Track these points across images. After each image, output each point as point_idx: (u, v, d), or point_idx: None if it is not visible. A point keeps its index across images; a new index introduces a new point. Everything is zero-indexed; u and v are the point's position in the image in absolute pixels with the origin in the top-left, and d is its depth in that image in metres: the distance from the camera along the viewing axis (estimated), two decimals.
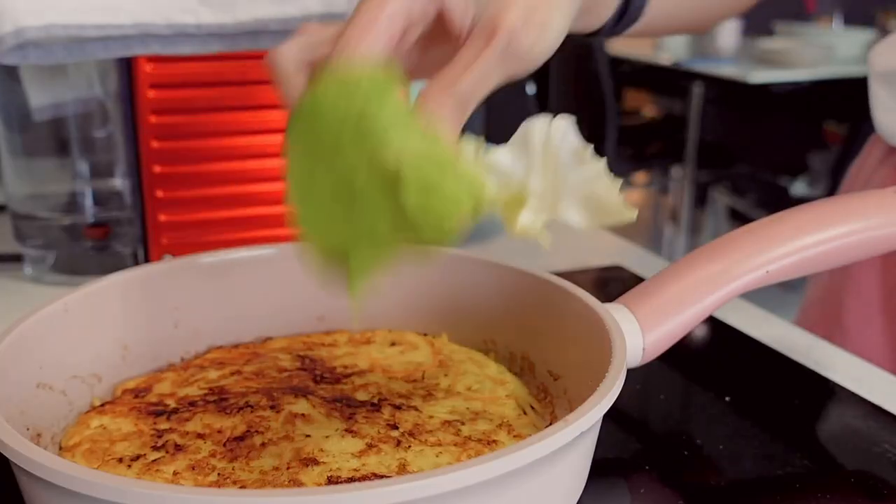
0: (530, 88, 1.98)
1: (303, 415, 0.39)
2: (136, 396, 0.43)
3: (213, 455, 0.37)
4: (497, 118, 0.87)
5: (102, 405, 0.42)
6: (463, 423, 0.40)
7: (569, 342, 0.42)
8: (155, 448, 0.38)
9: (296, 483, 0.34)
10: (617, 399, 0.33)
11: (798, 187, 2.70)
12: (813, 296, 0.77)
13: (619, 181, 0.36)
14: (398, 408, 0.41)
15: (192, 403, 0.41)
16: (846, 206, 0.46)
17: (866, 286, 0.69)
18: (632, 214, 0.36)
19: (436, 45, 0.39)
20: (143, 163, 0.61)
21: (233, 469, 0.36)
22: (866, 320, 0.69)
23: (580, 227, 0.36)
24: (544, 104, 1.99)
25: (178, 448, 0.38)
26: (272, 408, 0.40)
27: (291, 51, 0.37)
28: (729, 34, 2.84)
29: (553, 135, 0.36)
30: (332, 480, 0.34)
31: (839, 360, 0.57)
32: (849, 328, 0.70)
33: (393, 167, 0.32)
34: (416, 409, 0.41)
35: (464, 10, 0.37)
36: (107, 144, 0.66)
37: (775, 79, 2.66)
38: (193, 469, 0.36)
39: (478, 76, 0.35)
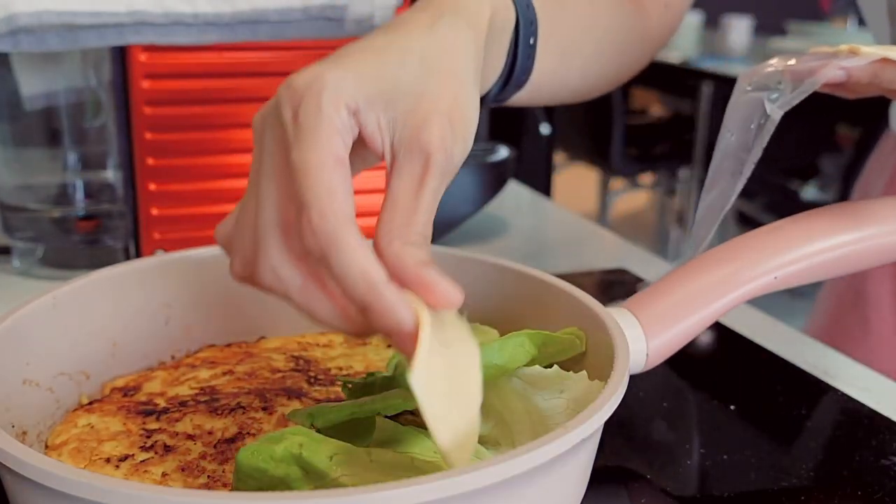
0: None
1: None
2: (125, 395, 0.42)
3: (203, 457, 0.37)
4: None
5: (90, 403, 0.42)
6: None
7: None
8: (144, 448, 0.37)
9: None
10: (619, 406, 0.33)
11: (809, 191, 2.69)
12: (832, 291, 0.76)
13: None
14: None
15: (183, 403, 0.41)
16: (858, 212, 0.46)
17: (881, 288, 0.69)
18: None
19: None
20: (135, 155, 0.61)
21: (223, 471, 0.36)
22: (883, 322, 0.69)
23: None
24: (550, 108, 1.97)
25: (168, 449, 0.37)
26: (265, 409, 0.40)
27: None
28: (740, 33, 2.83)
29: None
30: None
31: (847, 369, 0.56)
32: (870, 328, 0.69)
33: None
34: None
35: (379, 131, 0.34)
36: (99, 135, 0.65)
37: None
38: (183, 471, 0.36)
39: (428, 209, 0.33)
